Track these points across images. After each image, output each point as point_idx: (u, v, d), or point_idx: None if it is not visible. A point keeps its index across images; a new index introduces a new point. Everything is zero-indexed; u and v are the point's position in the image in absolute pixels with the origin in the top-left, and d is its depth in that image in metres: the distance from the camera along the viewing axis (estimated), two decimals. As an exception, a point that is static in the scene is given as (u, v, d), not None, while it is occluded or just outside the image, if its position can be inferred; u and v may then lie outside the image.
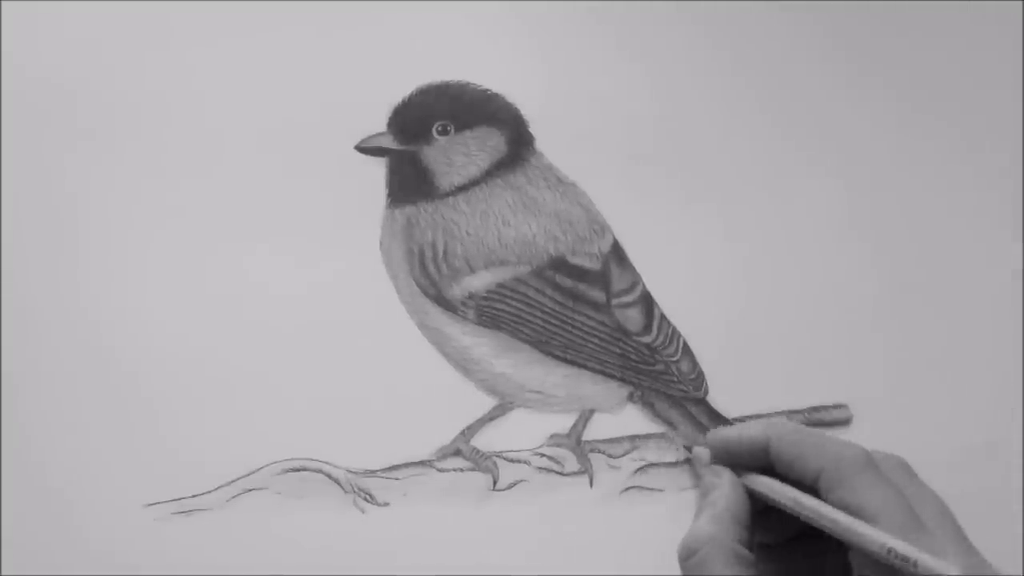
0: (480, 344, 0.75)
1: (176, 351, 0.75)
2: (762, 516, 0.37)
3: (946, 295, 0.80)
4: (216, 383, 0.74)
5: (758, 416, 0.76)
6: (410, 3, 0.80)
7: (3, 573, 0.72)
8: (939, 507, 0.34)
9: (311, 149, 0.78)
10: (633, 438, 0.76)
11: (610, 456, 0.76)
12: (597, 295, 0.76)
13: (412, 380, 0.75)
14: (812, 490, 0.35)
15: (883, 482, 0.34)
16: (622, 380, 0.75)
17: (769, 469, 0.36)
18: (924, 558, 0.31)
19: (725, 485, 0.37)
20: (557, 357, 0.75)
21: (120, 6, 0.79)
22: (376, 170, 0.78)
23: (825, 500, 0.34)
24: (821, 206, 0.81)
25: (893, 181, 0.81)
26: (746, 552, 0.35)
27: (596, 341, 0.75)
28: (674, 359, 0.76)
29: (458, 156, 0.77)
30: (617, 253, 0.78)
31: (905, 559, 0.31)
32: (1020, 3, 0.84)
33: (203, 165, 0.77)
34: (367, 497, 0.74)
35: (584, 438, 0.76)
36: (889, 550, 0.32)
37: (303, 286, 0.76)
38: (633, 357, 0.75)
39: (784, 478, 0.36)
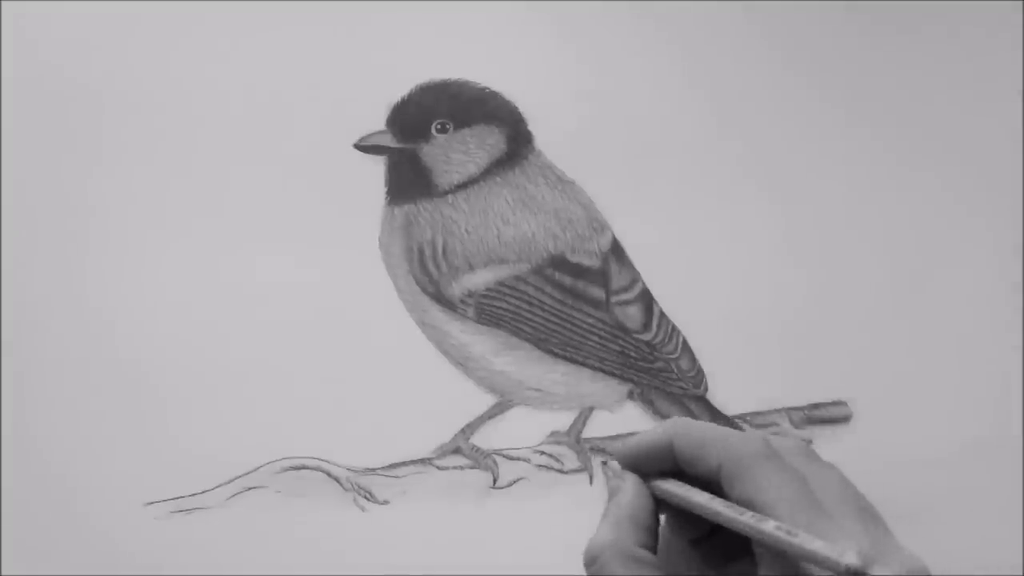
0: (479, 342, 0.75)
1: (176, 350, 0.75)
2: (679, 516, 0.37)
3: (946, 293, 0.80)
4: (215, 382, 0.74)
5: (757, 413, 0.77)
6: (410, 3, 0.80)
7: (4, 572, 0.72)
8: (840, 488, 0.34)
9: (311, 148, 0.78)
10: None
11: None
12: (596, 293, 0.76)
13: (412, 378, 0.75)
14: (717, 485, 0.35)
15: (781, 470, 0.34)
16: (622, 378, 0.75)
17: (676, 473, 0.37)
18: (807, 541, 0.31)
19: (628, 489, 0.37)
20: (556, 355, 0.75)
21: (121, 7, 0.79)
22: (375, 168, 0.78)
23: (727, 494, 0.35)
24: (821, 205, 0.81)
25: (894, 181, 0.81)
26: (645, 554, 0.35)
27: (595, 339, 0.75)
28: (674, 356, 0.76)
29: (457, 154, 0.77)
30: (617, 251, 0.78)
31: (799, 549, 0.32)
32: (1020, 3, 0.84)
33: (202, 164, 0.77)
34: (367, 495, 0.74)
35: (584, 436, 0.76)
36: (789, 544, 0.32)
37: (302, 285, 0.76)
38: (632, 354, 0.75)
39: (690, 477, 0.36)
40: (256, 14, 0.79)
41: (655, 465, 0.37)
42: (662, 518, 0.37)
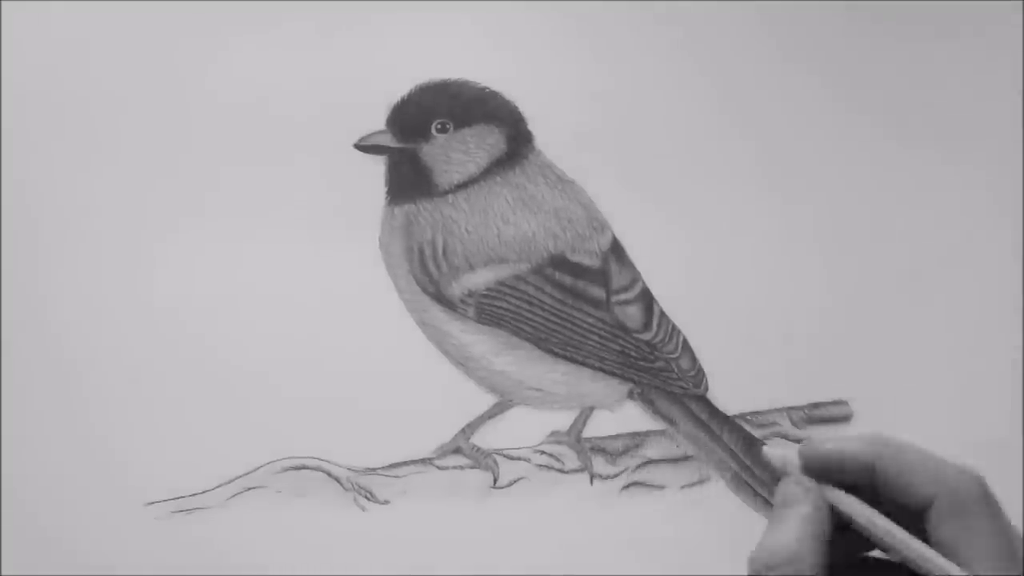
0: (480, 341, 0.75)
1: (176, 350, 0.75)
2: (835, 533, 0.35)
3: (947, 293, 0.80)
4: (216, 382, 0.74)
5: (757, 413, 0.76)
6: (410, 3, 0.80)
7: (3, 573, 0.71)
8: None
9: (311, 148, 0.78)
10: (633, 435, 0.76)
11: (610, 453, 0.76)
12: (597, 292, 0.76)
13: (412, 378, 0.75)
14: (916, 516, 0.33)
15: (996, 518, 0.33)
16: (622, 377, 0.75)
17: (856, 486, 0.35)
18: None
19: (813, 501, 0.34)
20: (557, 354, 0.75)
21: (121, 7, 0.79)
22: (375, 168, 0.78)
23: (932, 530, 0.33)
24: (822, 206, 0.81)
25: (895, 180, 0.81)
26: None
27: (596, 338, 0.75)
28: (674, 356, 0.76)
29: (457, 154, 0.77)
30: (617, 250, 0.78)
31: None
32: (1020, 3, 0.84)
33: (202, 164, 0.78)
34: (367, 495, 0.74)
35: (584, 435, 0.76)
36: None
37: (303, 284, 0.76)
38: (633, 354, 0.75)
39: (883, 502, 0.34)
40: (256, 13, 0.79)
41: (842, 477, 0.35)
42: None
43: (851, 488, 0.35)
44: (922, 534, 0.33)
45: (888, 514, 0.34)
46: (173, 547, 0.72)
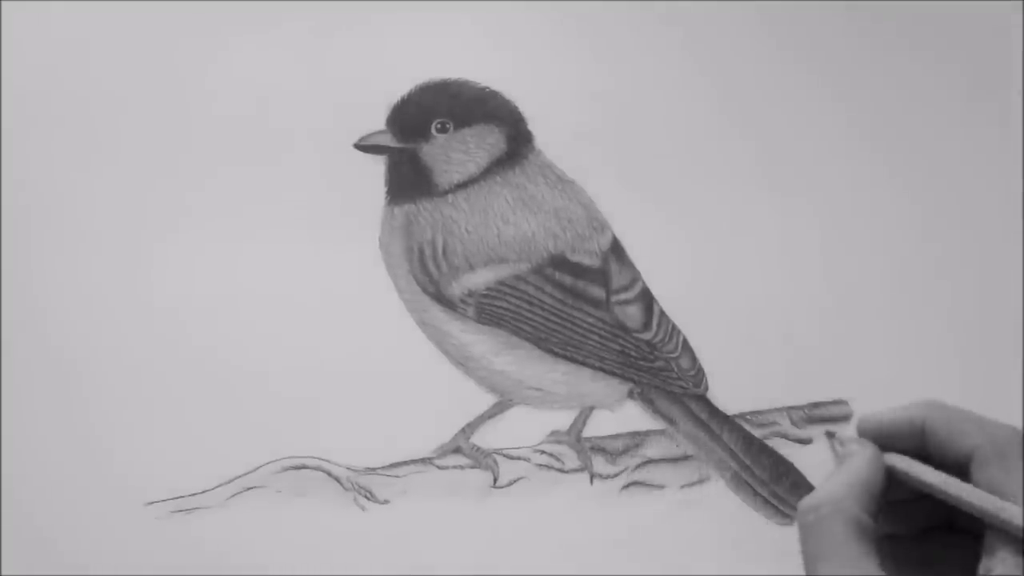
0: (480, 341, 0.75)
1: (176, 350, 0.75)
2: (893, 506, 0.37)
3: (947, 293, 0.80)
4: (216, 382, 0.74)
5: (757, 413, 0.76)
6: (410, 3, 0.80)
7: (3, 573, 0.72)
8: None
9: (310, 148, 0.78)
10: (633, 435, 0.76)
11: (610, 453, 0.76)
12: (597, 292, 0.76)
13: (412, 378, 0.75)
14: (962, 471, 0.36)
15: None
16: (622, 377, 0.75)
17: (916, 454, 0.37)
18: None
19: (865, 455, 0.36)
20: (557, 354, 0.75)
21: (121, 7, 0.79)
22: (375, 168, 0.78)
23: (976, 476, 0.35)
24: (822, 205, 0.81)
25: (896, 181, 0.81)
26: (870, 523, 0.34)
27: (596, 338, 0.75)
28: (674, 355, 0.76)
29: (457, 154, 0.77)
30: (617, 250, 0.78)
31: None
32: (1020, 3, 0.84)
33: (201, 165, 0.78)
34: (367, 495, 0.74)
35: (584, 435, 0.76)
36: None
37: (303, 285, 0.76)
38: (633, 354, 0.75)
39: (934, 459, 0.37)
40: (256, 13, 0.79)
41: (897, 442, 0.37)
42: None
43: (905, 452, 0.37)
44: (968, 482, 0.36)
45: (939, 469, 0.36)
46: (173, 547, 0.72)
